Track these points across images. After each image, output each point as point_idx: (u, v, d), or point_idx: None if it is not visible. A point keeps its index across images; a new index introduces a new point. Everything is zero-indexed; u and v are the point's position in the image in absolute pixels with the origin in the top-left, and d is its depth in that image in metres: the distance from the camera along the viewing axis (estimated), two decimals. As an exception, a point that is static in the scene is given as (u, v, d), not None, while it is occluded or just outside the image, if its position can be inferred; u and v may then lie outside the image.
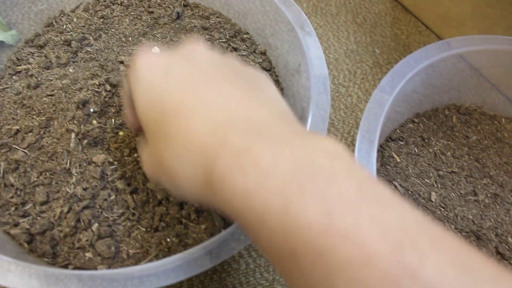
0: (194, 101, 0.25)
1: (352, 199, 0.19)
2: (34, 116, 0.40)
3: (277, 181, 0.20)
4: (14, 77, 0.45)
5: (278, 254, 0.21)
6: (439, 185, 0.47)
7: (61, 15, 0.51)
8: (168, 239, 0.36)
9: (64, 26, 0.49)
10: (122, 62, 0.45)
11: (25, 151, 0.38)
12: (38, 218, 0.36)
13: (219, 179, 0.22)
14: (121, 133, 0.40)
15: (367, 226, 0.18)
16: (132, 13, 0.51)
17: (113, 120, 0.40)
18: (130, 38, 0.48)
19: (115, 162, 0.38)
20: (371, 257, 0.18)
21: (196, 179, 0.24)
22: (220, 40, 0.49)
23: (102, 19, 0.50)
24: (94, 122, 0.40)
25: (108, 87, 0.42)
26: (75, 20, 0.50)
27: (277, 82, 0.49)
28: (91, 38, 0.48)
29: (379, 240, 0.18)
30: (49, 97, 0.41)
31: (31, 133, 0.39)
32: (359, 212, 0.19)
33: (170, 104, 0.25)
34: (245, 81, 0.27)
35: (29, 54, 0.47)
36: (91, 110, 0.40)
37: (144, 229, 0.36)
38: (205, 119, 0.24)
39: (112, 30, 0.49)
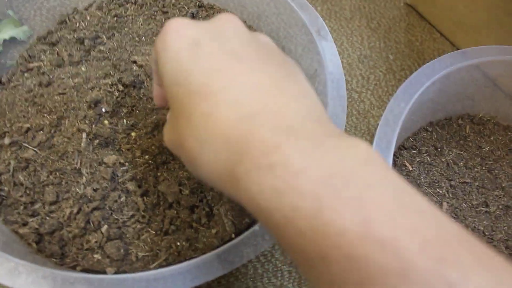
0: (222, 85, 0.23)
1: (390, 207, 0.18)
2: (45, 115, 0.40)
3: (309, 182, 0.19)
4: (25, 74, 0.44)
5: (306, 256, 0.20)
6: (450, 195, 0.46)
7: (74, 12, 0.50)
8: (178, 243, 0.36)
9: (77, 24, 0.48)
10: (135, 62, 0.44)
11: (36, 149, 0.38)
12: (47, 218, 0.36)
13: (244, 175, 0.21)
14: (133, 134, 0.40)
15: (406, 237, 0.18)
16: (146, 12, 0.50)
17: (125, 120, 0.40)
18: (143, 38, 0.48)
19: (126, 163, 0.38)
20: (410, 269, 0.17)
21: (217, 168, 0.23)
22: (234, 42, 0.49)
23: (115, 18, 0.49)
24: (106, 122, 0.40)
25: (120, 87, 0.41)
26: (88, 18, 0.49)
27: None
28: (104, 36, 0.47)
29: (419, 252, 0.17)
30: (61, 95, 0.41)
31: (41, 132, 0.39)
32: (397, 222, 0.18)
33: (195, 85, 0.24)
34: (278, 68, 0.25)
35: (41, 52, 0.46)
36: (103, 110, 0.40)
37: (154, 232, 0.36)
38: (232, 107, 0.22)
39: (125, 29, 0.48)
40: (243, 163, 0.21)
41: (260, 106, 0.22)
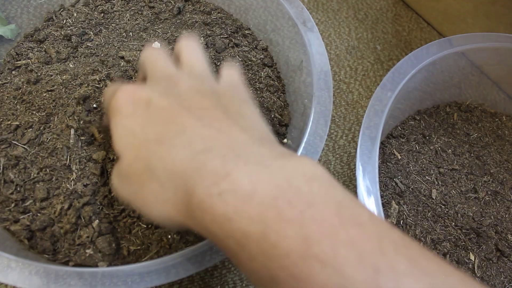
0: (175, 131, 0.25)
1: (330, 223, 0.19)
2: (34, 112, 0.40)
3: (256, 206, 0.20)
4: (13, 72, 0.44)
5: (259, 279, 0.21)
6: (439, 182, 0.46)
7: (61, 9, 0.50)
8: (169, 236, 0.36)
9: (64, 21, 0.48)
10: (122, 58, 0.44)
11: (25, 147, 0.38)
12: (39, 214, 0.36)
13: (198, 204, 0.22)
14: (121, 129, 0.40)
15: (345, 251, 0.18)
16: (132, 8, 0.50)
17: (113, 116, 0.40)
18: (130, 33, 0.48)
19: (116, 159, 0.38)
20: (348, 283, 0.18)
21: (175, 204, 0.24)
22: (222, 36, 0.49)
23: (102, 14, 0.49)
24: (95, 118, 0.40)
25: (108, 83, 0.41)
26: (75, 14, 0.49)
27: (278, 78, 0.48)
28: (92, 33, 0.47)
29: (356, 265, 0.18)
30: (49, 92, 0.41)
31: (31, 129, 0.39)
32: (336, 237, 0.19)
33: (152, 134, 0.26)
34: (225, 109, 0.27)
35: (28, 49, 0.46)
36: (92, 106, 0.40)
37: (145, 226, 0.36)
38: (186, 147, 0.24)
39: (112, 25, 0.48)
40: (197, 194, 0.22)
41: (211, 142, 0.24)
